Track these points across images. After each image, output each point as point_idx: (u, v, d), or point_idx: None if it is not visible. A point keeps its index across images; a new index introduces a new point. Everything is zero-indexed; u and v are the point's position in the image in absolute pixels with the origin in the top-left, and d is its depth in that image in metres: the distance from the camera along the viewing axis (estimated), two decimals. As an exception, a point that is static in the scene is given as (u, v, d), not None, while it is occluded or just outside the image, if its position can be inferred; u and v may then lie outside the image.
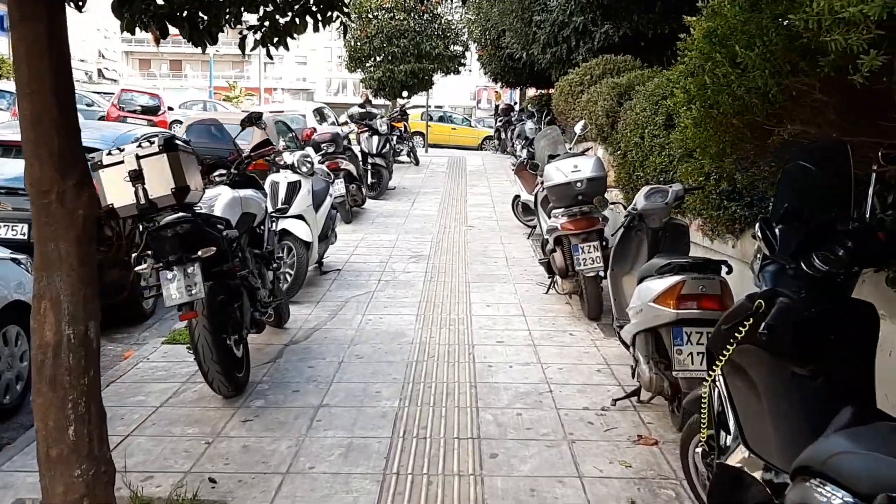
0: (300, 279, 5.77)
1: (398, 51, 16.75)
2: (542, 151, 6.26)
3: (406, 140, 15.63)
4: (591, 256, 5.13)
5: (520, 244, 8.25)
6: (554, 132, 6.33)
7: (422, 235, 8.65)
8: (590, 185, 5.07)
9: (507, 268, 7.11)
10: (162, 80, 67.55)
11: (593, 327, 5.21)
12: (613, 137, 7.11)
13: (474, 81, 60.51)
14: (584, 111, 9.22)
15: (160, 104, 20.30)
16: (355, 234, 8.62)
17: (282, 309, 5.01)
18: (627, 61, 10.07)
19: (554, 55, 12.82)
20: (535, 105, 13.33)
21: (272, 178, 6.02)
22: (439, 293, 6.13)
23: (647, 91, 6.30)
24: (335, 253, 7.46)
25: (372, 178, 11.31)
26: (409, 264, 7.19)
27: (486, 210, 10.52)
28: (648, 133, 5.88)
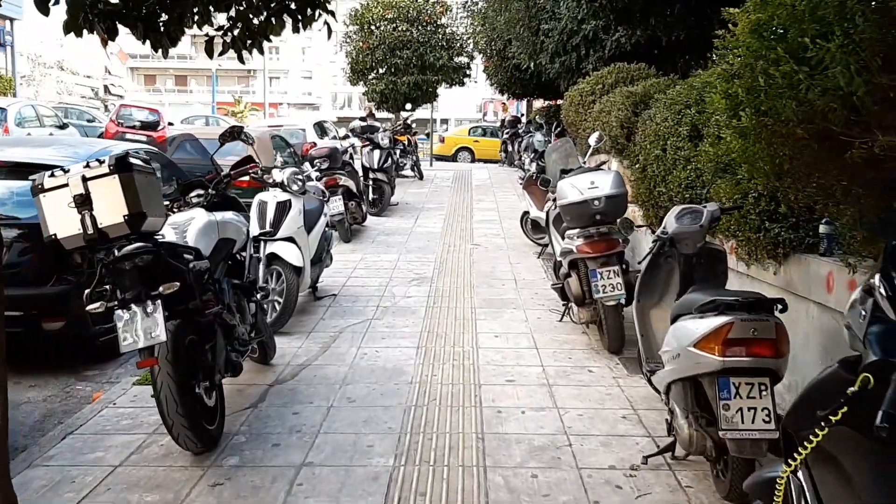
0: (289, 308, 5.26)
1: (401, 62, 16.32)
2: (553, 166, 5.76)
3: (410, 154, 15.18)
4: (612, 283, 4.60)
5: (529, 264, 7.73)
6: (566, 144, 5.83)
7: (424, 255, 8.14)
8: (609, 203, 4.55)
9: (517, 291, 6.58)
10: (167, 95, 67.76)
11: (614, 362, 4.67)
12: (631, 150, 6.60)
13: (480, 94, 60.45)
14: (596, 122, 8.72)
15: (160, 119, 19.93)
16: (354, 255, 8.12)
17: (266, 344, 4.50)
18: (641, 69, 9.59)
19: (563, 65, 12.36)
20: (543, 116, 12.85)
21: (259, 198, 5.53)
22: (442, 321, 5.61)
23: (669, 99, 5.79)
24: (331, 276, 6.96)
25: (373, 194, 10.83)
26: (410, 288, 6.68)
27: (492, 227, 10.00)
28: (671, 145, 5.36)
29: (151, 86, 70.06)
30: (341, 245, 8.63)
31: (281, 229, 5.36)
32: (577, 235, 4.76)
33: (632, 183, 6.51)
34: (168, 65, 69.73)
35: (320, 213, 6.16)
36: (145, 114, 20.44)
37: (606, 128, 8.23)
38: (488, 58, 18.07)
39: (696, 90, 5.48)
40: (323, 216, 6.20)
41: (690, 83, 5.69)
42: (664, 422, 3.62)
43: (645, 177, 5.94)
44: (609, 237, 4.72)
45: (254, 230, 5.39)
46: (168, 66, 69.88)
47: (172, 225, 3.78)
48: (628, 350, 4.83)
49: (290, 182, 5.52)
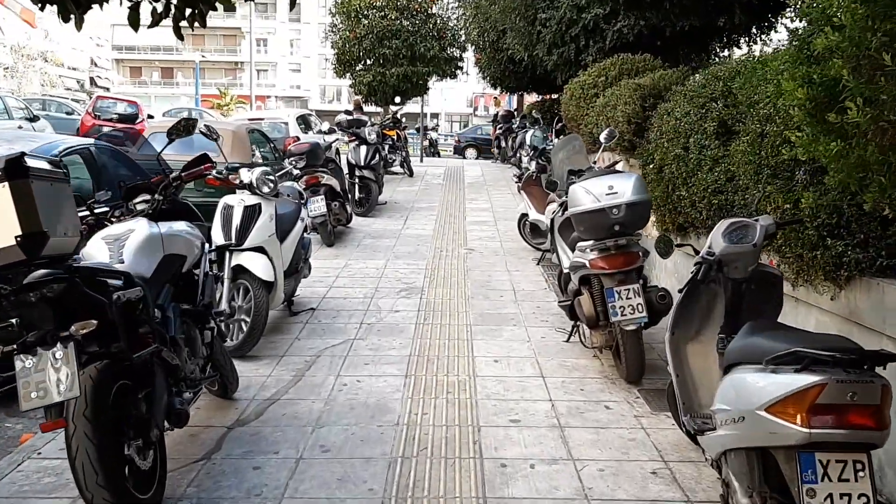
0: (258, 329, 4.58)
1: (390, 53, 15.53)
2: (560, 166, 5.10)
3: (399, 149, 14.46)
4: (632, 304, 3.95)
5: (529, 272, 7.07)
6: (574, 142, 5.16)
7: (414, 261, 7.46)
8: (630, 212, 3.89)
9: (516, 304, 5.92)
10: (153, 87, 66.66)
11: (634, 395, 4.02)
12: (643, 148, 5.94)
13: (471, 88, 59.74)
14: (599, 116, 8.07)
15: (138, 112, 19.13)
16: (337, 261, 7.43)
17: (227, 377, 3.82)
18: (647, 60, 8.94)
19: (561, 56, 11.68)
20: (540, 111, 12.20)
21: (225, 202, 4.84)
22: (434, 342, 4.94)
23: (691, 92, 5.13)
24: (310, 286, 6.28)
25: (360, 193, 10.12)
26: (398, 300, 6.00)
27: (487, 229, 9.34)
28: (695, 143, 4.71)
29: (137, 78, 68.90)
30: (323, 249, 7.93)
31: (248, 238, 4.67)
32: (590, 248, 4.10)
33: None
34: (154, 57, 68.69)
35: (296, 217, 5.47)
36: (123, 106, 19.62)
37: (612, 123, 7.57)
38: (481, 50, 17.34)
39: (721, 81, 4.83)
40: (300, 221, 5.51)
41: (714, 73, 5.04)
42: (704, 480, 2.99)
43: (661, 178, 5.29)
44: (628, 251, 4.07)
45: (217, 239, 4.70)
46: (154, 58, 68.82)
47: (106, 239, 3.09)
48: (648, 378, 4.20)
49: (259, 183, 4.83)
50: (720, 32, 12.14)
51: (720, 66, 5.26)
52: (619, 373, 4.26)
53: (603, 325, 4.19)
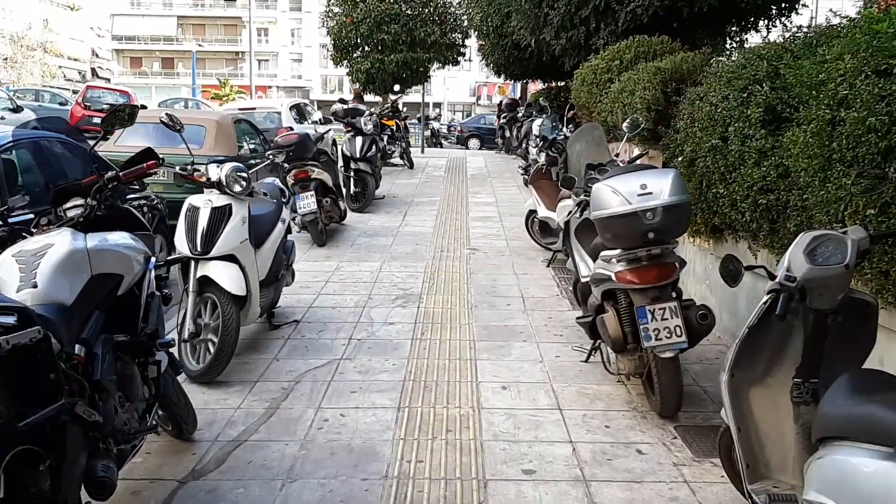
0: (226, 351, 3.93)
1: (388, 38, 14.78)
2: (577, 159, 4.43)
3: (399, 140, 13.79)
4: (668, 326, 3.30)
5: (538, 275, 6.40)
6: (594, 132, 4.49)
7: (413, 262, 6.80)
8: (667, 216, 3.22)
9: (526, 314, 5.27)
10: (154, 78, 65.96)
11: (671, 435, 3.37)
12: (670, 138, 5.26)
13: (473, 77, 58.86)
14: (614, 104, 7.38)
15: (129, 102, 18.46)
16: (328, 263, 6.78)
17: (181, 418, 3.18)
18: (665, 43, 8.24)
19: (569, 40, 10.96)
20: (547, 98, 11.52)
21: (190, 203, 4.18)
22: (433, 363, 4.30)
23: (729, 73, 4.44)
24: (296, 292, 5.63)
25: (355, 187, 9.46)
26: (393, 309, 5.35)
27: (492, 226, 8.67)
28: (736, 132, 4.04)
29: (137, 69, 68.25)
30: (314, 250, 7.28)
31: (216, 245, 4.02)
32: (617, 258, 3.44)
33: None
34: (154, 47, 67.99)
35: (276, 218, 4.81)
36: (114, 96, 18.99)
37: (629, 110, 6.89)
38: (484, 35, 16.60)
39: (765, 60, 4.15)
40: (280, 223, 4.85)
41: (757, 52, 4.35)
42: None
43: (693, 173, 4.62)
44: (663, 262, 3.41)
45: (181, 247, 4.05)
46: (154, 48, 68.12)
47: (18, 257, 2.44)
48: (685, 411, 3.55)
49: (230, 181, 4.16)
50: (739, 15, 11.44)
51: (761, 45, 4.57)
52: (650, 405, 3.61)
53: (632, 349, 3.54)
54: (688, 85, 6.45)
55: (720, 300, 4.78)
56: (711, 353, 4.44)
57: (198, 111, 12.45)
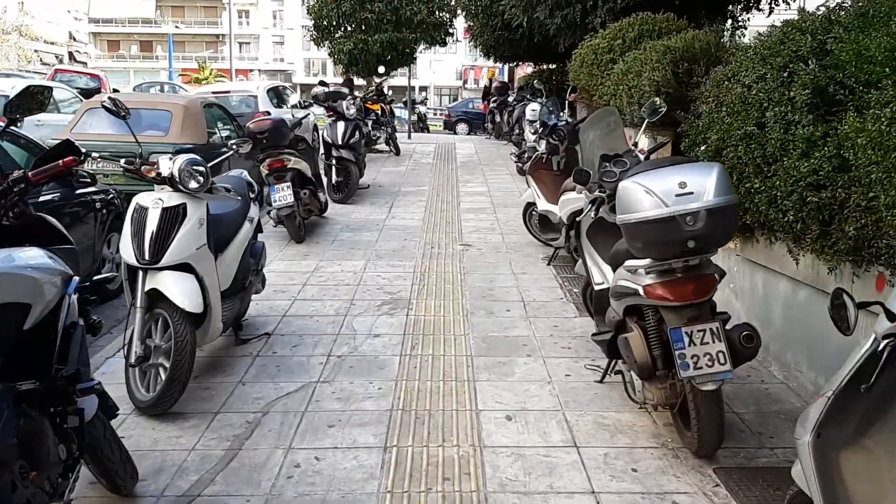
0: (180, 378, 3.32)
1: (372, 17, 14.01)
2: (590, 149, 3.83)
3: (384, 125, 13.12)
4: (710, 351, 2.73)
5: (539, 275, 5.83)
6: (609, 118, 3.88)
7: (400, 261, 6.20)
8: (712, 222, 2.63)
9: (528, 322, 4.69)
10: (132, 61, 64.47)
11: (711, 481, 2.81)
12: (690, 125, 4.68)
13: (460, 60, 57.96)
14: (618, 86, 6.80)
15: (101, 86, 17.60)
16: (306, 262, 6.16)
17: (115, 472, 2.58)
18: (671, 20, 7.65)
19: (564, 19, 10.36)
20: (542, 81, 10.91)
21: (137, 203, 3.54)
22: (424, 385, 3.72)
23: (764, 49, 3.86)
24: (269, 297, 5.03)
25: (337, 177, 8.81)
26: (379, 318, 4.76)
27: (485, 218, 8.07)
28: (776, 118, 3.46)
29: (115, 52, 66.77)
30: (291, 247, 6.66)
31: (168, 252, 3.39)
32: (646, 269, 2.86)
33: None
34: (132, 30, 66.46)
35: (242, 217, 4.18)
36: (84, 80, 18.10)
37: (635, 93, 6.33)
38: (472, 15, 15.89)
39: (809, 35, 3.57)
40: (247, 222, 4.22)
41: (797, 25, 3.76)
42: None
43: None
44: (701, 274, 2.83)
45: (127, 255, 3.43)
46: (132, 31, 66.60)
47: None
48: (724, 448, 2.99)
49: (184, 176, 3.53)
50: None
51: (800, 18, 3.98)
52: (682, 440, 3.06)
53: (661, 376, 2.97)
54: (701, 65, 5.89)
55: (747, 307, 4.24)
56: (742, 370, 3.88)
57: (163, 94, 11.69)
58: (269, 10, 66.77)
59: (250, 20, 67.93)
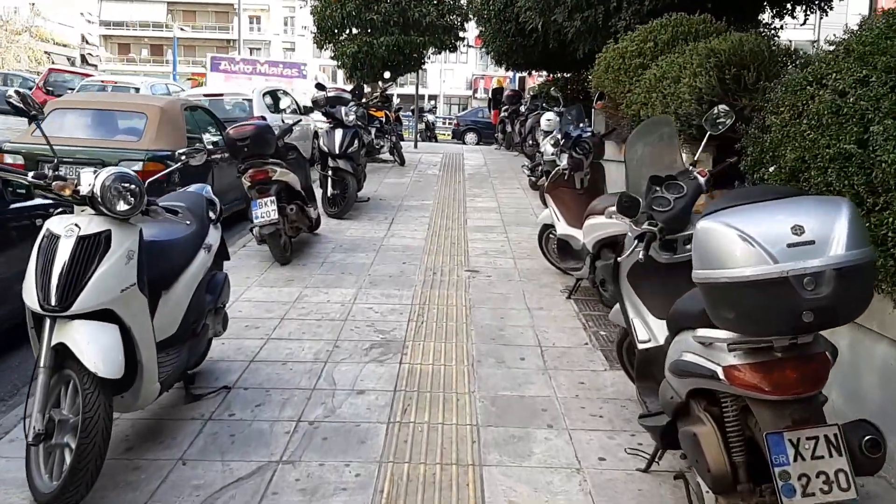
0: (87, 465, 2.47)
1: (378, 18, 13.19)
2: (637, 168, 2.99)
3: (388, 134, 12.31)
4: (826, 470, 1.88)
5: (558, 312, 4.98)
6: (663, 129, 3.03)
7: (397, 290, 5.37)
8: (843, 286, 1.77)
9: (547, 377, 3.84)
10: (142, 65, 64.31)
11: None
12: (752, 141, 3.82)
13: (470, 69, 57.34)
14: (650, 93, 5.99)
15: (96, 87, 16.91)
16: (288, 289, 5.33)
17: None
18: (708, 22, 6.83)
19: (585, 21, 9.53)
20: (559, 89, 10.10)
21: (48, 229, 2.71)
22: (416, 472, 2.87)
23: (861, 46, 3.01)
24: (238, 333, 4.21)
25: (333, 189, 8.00)
26: (366, 366, 3.92)
27: (495, 238, 7.23)
28: (885, 133, 2.61)
29: (126, 55, 66.58)
30: (273, 270, 5.83)
31: (82, 295, 2.56)
32: (734, 345, 2.01)
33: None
34: (143, 33, 66.28)
35: (197, 245, 3.36)
36: (80, 81, 17.41)
37: (672, 102, 5.51)
38: (485, 21, 15.10)
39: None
40: (203, 251, 3.40)
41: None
42: None
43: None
44: (812, 355, 1.98)
45: (29, 298, 2.61)
46: (143, 34, 66.43)
47: None
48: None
49: (109, 197, 2.70)
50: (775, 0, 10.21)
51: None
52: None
53: (745, 492, 2.12)
54: (751, 70, 5.09)
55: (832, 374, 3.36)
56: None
57: (138, 95, 10.86)
58: (281, 16, 66.55)
59: (262, 26, 67.79)
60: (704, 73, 5.14)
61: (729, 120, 3.03)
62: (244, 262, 6.02)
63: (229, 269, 5.85)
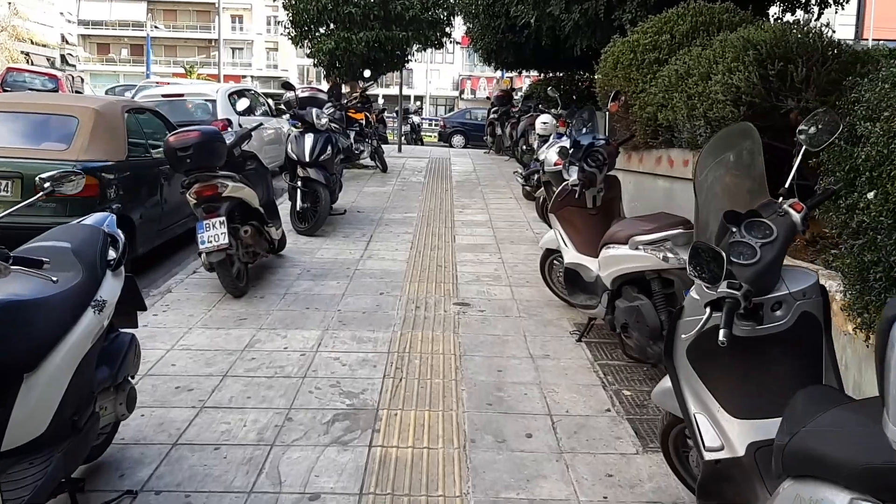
0: None
1: (357, 12, 12.17)
2: (708, 198, 2.06)
3: (369, 138, 11.36)
4: None
5: (568, 362, 4.06)
6: (744, 142, 2.05)
7: (371, 331, 4.43)
8: None
9: (562, 463, 2.92)
10: (122, 65, 62.92)
11: None
12: (841, 155, 2.91)
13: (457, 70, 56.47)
14: (670, 93, 5.11)
15: (58, 87, 15.87)
16: (238, 332, 4.36)
17: None
18: (732, 10, 5.96)
19: (584, 14, 8.65)
20: (556, 89, 9.17)
21: None
22: None
23: None
24: (164, 400, 3.25)
25: (303, 202, 7.04)
26: (324, 452, 2.98)
27: (487, 260, 6.30)
28: None
29: (105, 55, 65.11)
30: (225, 304, 4.87)
31: None
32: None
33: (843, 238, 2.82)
34: (122, 33, 64.82)
35: (78, 306, 2.39)
36: (41, 80, 16.36)
37: (700, 103, 4.64)
38: (473, 16, 14.17)
39: None
40: (91, 311, 2.42)
41: None
42: None
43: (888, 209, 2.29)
44: None
45: None
46: (122, 34, 64.98)
47: None
48: None
49: None
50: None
51: None
52: None
53: None
54: (801, 66, 4.22)
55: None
56: None
57: (67, 95, 9.80)
58: (264, 16, 65.39)
59: (244, 25, 66.64)
60: (742, 68, 4.26)
61: (833, 130, 2.11)
62: (190, 295, 5.06)
63: (171, 304, 4.94)
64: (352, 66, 12.53)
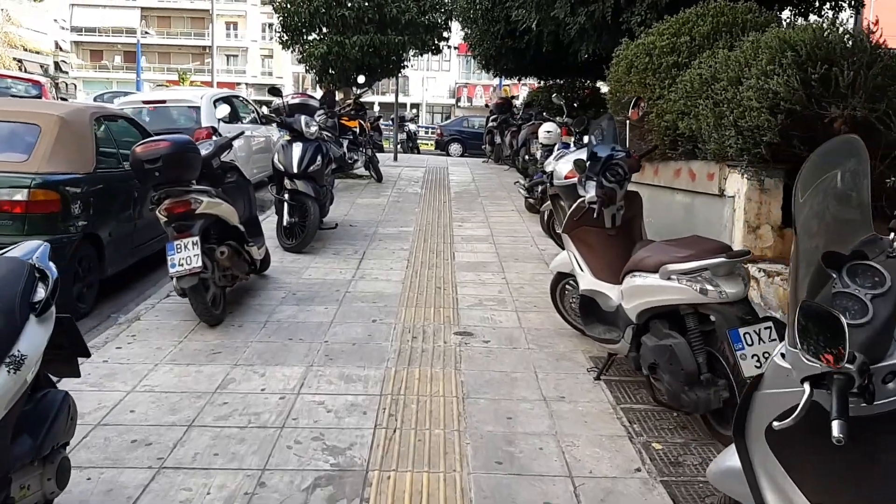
0: None
1: (351, 15, 11.67)
2: (808, 233, 1.58)
3: (363, 146, 10.87)
4: None
5: (586, 403, 3.55)
6: (849, 161, 1.61)
7: (361, 368, 3.92)
8: None
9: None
10: (115, 72, 62.47)
11: None
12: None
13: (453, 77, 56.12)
14: (694, 100, 4.64)
15: (42, 94, 15.31)
16: (209, 369, 3.84)
17: None
18: (756, 10, 5.51)
19: (590, 17, 8.20)
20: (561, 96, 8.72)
21: None
22: None
23: None
24: (117, 459, 2.72)
25: (290, 216, 6.54)
26: (303, 526, 2.46)
27: (490, 281, 5.80)
28: None
29: (98, 62, 64.63)
30: (198, 334, 4.35)
31: None
32: None
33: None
34: (116, 40, 64.38)
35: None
36: (24, 87, 15.78)
37: (730, 111, 4.16)
38: (471, 21, 13.72)
39: None
40: (3, 371, 1.92)
41: None
42: None
43: None
44: None
45: None
46: (116, 41, 64.54)
47: None
48: None
49: None
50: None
51: None
52: None
53: None
54: (846, 70, 3.76)
55: None
56: None
57: (31, 101, 9.28)
58: (259, 23, 65.06)
59: (238, 32, 66.31)
60: (780, 71, 3.79)
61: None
62: (161, 323, 4.54)
63: (138, 334, 4.37)
64: (345, 72, 12.04)
